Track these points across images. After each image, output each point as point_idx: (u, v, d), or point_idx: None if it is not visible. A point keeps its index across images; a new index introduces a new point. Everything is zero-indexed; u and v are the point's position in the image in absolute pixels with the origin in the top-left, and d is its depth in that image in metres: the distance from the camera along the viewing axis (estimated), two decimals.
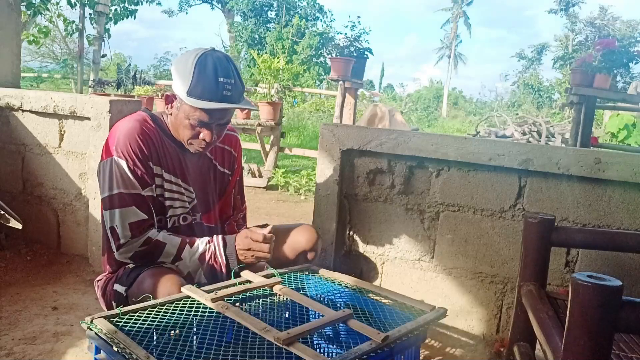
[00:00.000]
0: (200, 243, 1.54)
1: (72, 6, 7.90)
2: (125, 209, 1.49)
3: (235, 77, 1.49)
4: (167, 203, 1.59)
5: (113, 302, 1.53)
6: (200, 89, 1.45)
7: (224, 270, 1.52)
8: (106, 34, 8.73)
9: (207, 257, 1.52)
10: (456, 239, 2.03)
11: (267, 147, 5.81)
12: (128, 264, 1.55)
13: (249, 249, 1.50)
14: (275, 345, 1.13)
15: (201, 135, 1.52)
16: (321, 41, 19.52)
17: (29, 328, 1.82)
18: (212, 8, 29.00)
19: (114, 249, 1.51)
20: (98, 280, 1.65)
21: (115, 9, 8.81)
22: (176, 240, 1.52)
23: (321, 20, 22.98)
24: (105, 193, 1.51)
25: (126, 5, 8.83)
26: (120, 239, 1.49)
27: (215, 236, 1.56)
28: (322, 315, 1.30)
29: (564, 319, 0.89)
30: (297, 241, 1.73)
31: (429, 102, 28.39)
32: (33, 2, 7.25)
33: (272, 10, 24.01)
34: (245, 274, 1.52)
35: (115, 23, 8.83)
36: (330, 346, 1.49)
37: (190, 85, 1.45)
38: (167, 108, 1.57)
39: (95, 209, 2.36)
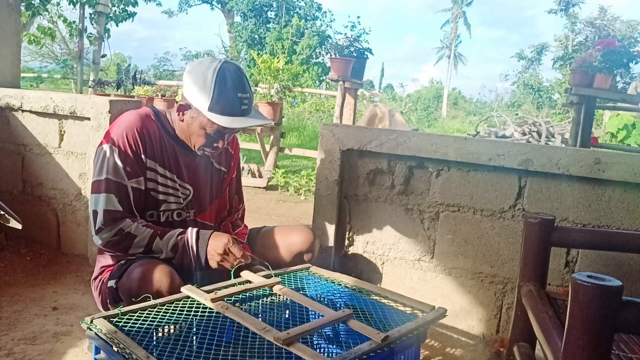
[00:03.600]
0: (172, 235, 1.55)
1: (74, 4, 7.89)
2: (107, 195, 1.53)
3: (249, 91, 1.55)
4: (161, 197, 1.62)
5: (107, 299, 1.56)
6: (222, 106, 1.49)
7: (193, 263, 1.53)
8: (106, 34, 8.73)
9: (179, 250, 1.54)
10: (456, 239, 2.03)
11: (267, 147, 5.81)
12: (120, 260, 1.58)
13: (220, 254, 1.51)
14: (275, 345, 1.13)
15: (215, 144, 1.58)
16: (319, 40, 19.52)
17: (29, 328, 1.82)
18: (212, 8, 29.03)
19: (92, 232, 1.55)
20: (94, 280, 1.67)
21: (115, 11, 8.81)
22: (147, 233, 1.54)
23: (320, 20, 22.99)
24: (96, 177, 1.56)
25: (125, 7, 8.82)
26: (97, 224, 1.53)
27: (189, 229, 1.57)
28: (322, 316, 1.30)
29: (564, 319, 0.89)
30: (293, 243, 1.74)
31: (429, 102, 28.39)
32: (32, 2, 7.25)
33: (271, 11, 24.02)
34: (245, 274, 1.52)
35: (117, 24, 8.84)
36: (330, 346, 1.49)
37: (211, 100, 1.49)
38: (179, 115, 1.59)
39: None
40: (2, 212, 1.69)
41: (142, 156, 1.57)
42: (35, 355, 1.65)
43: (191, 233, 1.55)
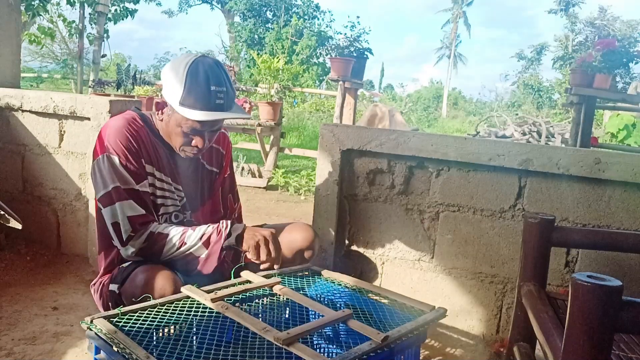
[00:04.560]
0: (205, 226, 1.52)
1: (72, 5, 7.89)
2: (124, 202, 1.48)
3: (226, 85, 1.47)
4: (159, 201, 1.59)
5: (109, 302, 1.53)
6: (193, 99, 1.43)
7: (222, 239, 1.47)
8: (105, 34, 8.73)
9: (210, 232, 1.49)
10: (456, 239, 2.03)
11: (267, 147, 5.81)
12: (122, 264, 1.55)
13: (263, 236, 1.48)
14: (275, 345, 1.13)
15: (193, 142, 1.52)
16: (319, 40, 19.51)
17: (29, 328, 1.82)
18: (212, 8, 29.05)
19: (119, 246, 1.50)
20: (94, 284, 1.65)
21: (115, 9, 8.80)
22: (179, 229, 1.50)
23: (318, 19, 22.96)
24: (102, 191, 1.50)
25: (125, 5, 8.82)
26: (123, 235, 1.48)
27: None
28: (322, 316, 1.30)
29: (564, 319, 0.89)
30: (293, 240, 1.72)
31: (429, 102, 28.40)
32: (32, 3, 7.25)
33: (270, 10, 24.00)
34: (245, 274, 1.52)
35: (115, 23, 8.83)
36: (330, 346, 1.49)
37: (182, 94, 1.44)
38: (158, 114, 1.56)
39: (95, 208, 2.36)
40: (2, 212, 1.69)
41: (142, 160, 1.53)
42: (35, 355, 1.65)
43: (226, 221, 1.52)
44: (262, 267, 1.52)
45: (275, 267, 1.51)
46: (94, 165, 1.53)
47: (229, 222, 1.53)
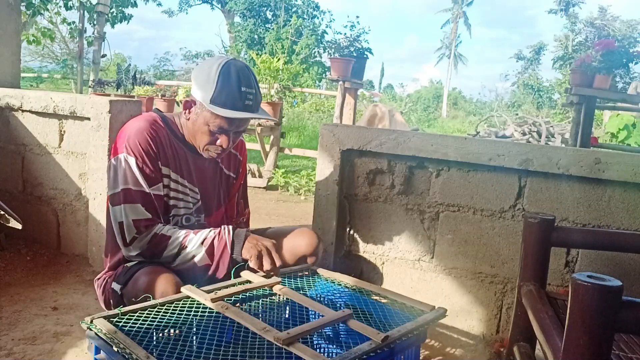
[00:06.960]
0: (207, 230, 1.53)
1: (68, 9, 7.91)
2: (132, 205, 1.50)
3: (255, 87, 1.53)
4: (171, 203, 1.60)
5: (111, 300, 1.54)
6: (224, 97, 1.48)
7: (227, 247, 1.49)
8: (104, 34, 8.74)
9: (212, 237, 1.50)
10: (456, 239, 2.03)
11: (267, 147, 5.81)
12: (127, 262, 1.56)
13: (265, 246, 1.49)
14: (275, 345, 1.13)
15: (218, 142, 1.55)
16: (317, 38, 19.53)
17: (29, 328, 1.82)
18: (212, 8, 29.07)
19: (121, 245, 1.53)
20: (97, 279, 1.66)
21: (112, 12, 8.81)
22: (181, 232, 1.52)
23: (318, 18, 22.96)
24: (113, 190, 1.53)
25: (122, 8, 8.84)
26: (127, 236, 1.50)
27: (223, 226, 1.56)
28: (322, 316, 1.30)
29: (564, 319, 0.89)
30: (297, 245, 1.73)
31: (429, 102, 28.42)
32: (33, 2, 7.26)
33: (270, 10, 24.00)
34: (245, 274, 1.52)
35: (112, 26, 8.85)
36: (330, 346, 1.49)
37: (213, 93, 1.48)
38: (185, 113, 1.58)
39: (95, 209, 2.36)
40: (2, 212, 1.69)
41: (158, 162, 1.55)
42: (35, 355, 1.65)
43: (227, 226, 1.54)
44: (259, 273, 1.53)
45: (273, 272, 1.51)
46: (111, 163, 1.56)
47: (230, 227, 1.53)
